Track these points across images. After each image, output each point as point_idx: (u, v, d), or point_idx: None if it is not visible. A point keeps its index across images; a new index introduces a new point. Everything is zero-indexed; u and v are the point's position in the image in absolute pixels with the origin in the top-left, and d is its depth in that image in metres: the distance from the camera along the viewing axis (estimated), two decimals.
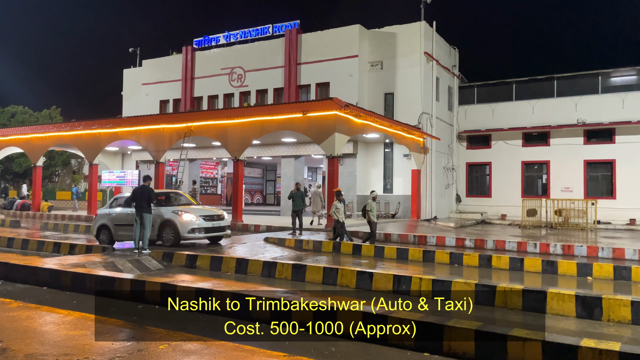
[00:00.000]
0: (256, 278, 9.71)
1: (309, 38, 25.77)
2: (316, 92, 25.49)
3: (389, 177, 24.58)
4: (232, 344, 5.37)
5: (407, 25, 24.34)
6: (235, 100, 27.96)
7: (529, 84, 27.01)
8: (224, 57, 28.45)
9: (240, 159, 19.47)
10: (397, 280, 8.54)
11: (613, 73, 25.25)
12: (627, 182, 23.77)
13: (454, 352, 5.20)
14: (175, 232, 12.33)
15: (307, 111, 17.37)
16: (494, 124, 27.08)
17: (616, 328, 6.55)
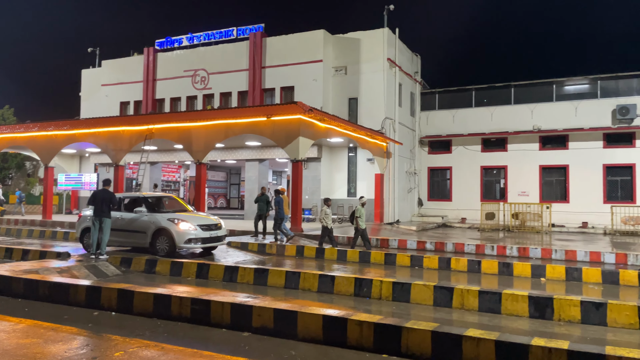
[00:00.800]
0: (218, 283, 9.62)
1: (274, 42, 25.75)
2: (281, 96, 25.48)
3: (352, 181, 24.79)
4: (191, 350, 5.32)
5: (371, 32, 24.66)
6: (198, 103, 27.61)
7: (487, 91, 27.81)
8: (187, 59, 28.07)
9: (203, 162, 19.23)
10: (359, 283, 8.63)
11: (567, 82, 26.30)
12: (579, 187, 24.76)
13: (412, 353, 5.30)
14: (171, 242, 11.51)
15: (272, 115, 17.34)
16: (455, 130, 27.73)
17: (566, 327, 6.82)
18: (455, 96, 28.55)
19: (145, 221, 11.81)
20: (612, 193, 24.26)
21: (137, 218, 11.97)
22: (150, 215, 11.85)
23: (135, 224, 12.00)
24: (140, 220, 11.92)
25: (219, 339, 5.98)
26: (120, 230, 11.99)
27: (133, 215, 12.05)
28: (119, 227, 11.94)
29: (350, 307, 7.71)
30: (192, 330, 6.31)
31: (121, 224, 12.05)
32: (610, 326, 6.80)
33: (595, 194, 24.25)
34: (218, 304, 6.45)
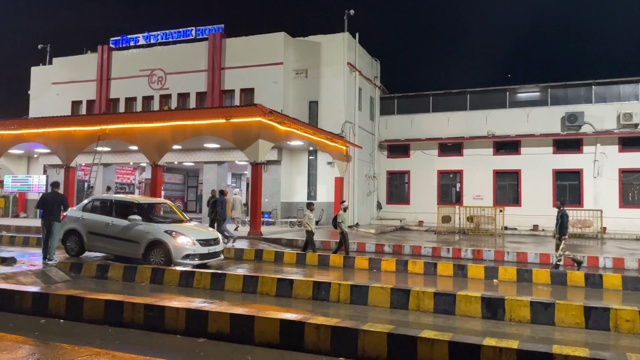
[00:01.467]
0: (173, 288, 9.40)
1: (234, 43, 25.51)
2: (240, 98, 25.25)
3: (312, 184, 24.82)
4: (142, 357, 5.17)
5: (331, 36, 24.82)
6: (155, 103, 26.99)
7: (444, 97, 28.50)
8: (143, 58, 27.41)
9: (159, 165, 18.80)
10: (317, 287, 8.63)
11: (519, 89, 27.28)
12: (530, 191, 25.70)
13: (368, 355, 5.34)
14: (167, 256, 10.55)
15: (231, 117, 17.15)
16: (413, 134, 28.25)
17: (517, 327, 7.04)
18: (414, 101, 29.11)
19: (139, 230, 10.78)
20: (560, 196, 25.25)
21: (130, 226, 10.94)
22: (145, 225, 10.85)
23: (128, 233, 10.95)
24: (134, 229, 10.88)
25: (173, 346, 5.83)
26: (110, 237, 11.08)
27: (126, 223, 11.01)
28: (108, 234, 11.07)
29: (308, 311, 7.69)
30: (145, 337, 6.13)
31: (112, 231, 11.11)
32: (558, 325, 7.07)
33: (545, 198, 25.22)
34: (172, 310, 6.31)
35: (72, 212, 11.92)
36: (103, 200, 12.01)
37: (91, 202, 12.08)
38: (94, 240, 11.49)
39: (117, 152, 24.92)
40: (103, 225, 11.26)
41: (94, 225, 11.48)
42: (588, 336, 6.64)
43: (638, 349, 6.11)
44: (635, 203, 24.16)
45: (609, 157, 24.51)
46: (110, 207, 11.61)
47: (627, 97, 24.81)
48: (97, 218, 11.54)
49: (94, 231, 11.46)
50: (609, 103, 24.92)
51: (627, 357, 4.66)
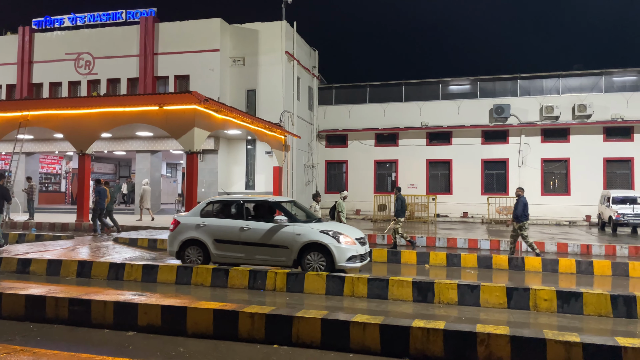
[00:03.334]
0: (101, 282, 9.03)
1: (167, 28, 24.61)
2: (175, 85, 24.47)
3: (251, 174, 24.58)
4: (67, 353, 4.94)
5: (269, 24, 24.53)
6: (82, 89, 25.59)
7: (381, 88, 29.06)
8: (69, 41, 25.85)
9: (87, 153, 17.89)
10: (253, 276, 8.59)
11: (451, 82, 28.30)
12: (461, 180, 26.84)
13: (302, 341, 5.39)
14: (328, 259, 9.16)
15: (164, 104, 16.57)
16: (350, 125, 28.63)
17: (445, 309, 7.36)
18: (351, 92, 29.47)
19: (287, 233, 9.39)
20: (489, 185, 26.61)
21: (275, 229, 9.49)
22: (294, 226, 9.48)
23: (272, 237, 9.48)
24: (280, 231, 9.44)
25: (100, 340, 5.61)
26: (248, 244, 9.58)
27: (268, 225, 9.57)
28: (245, 240, 9.59)
29: (244, 300, 7.64)
30: (70, 333, 5.85)
31: (249, 237, 9.57)
32: (483, 306, 7.45)
33: (475, 186, 26.45)
34: (100, 304, 6.05)
35: (187, 219, 10.25)
36: (226, 202, 10.44)
37: (209, 205, 10.42)
38: (223, 249, 9.75)
39: (41, 140, 23.47)
40: (236, 231, 9.68)
41: (223, 231, 9.82)
42: (510, 315, 7.05)
43: (555, 326, 6.56)
44: (555, 191, 25.85)
45: (532, 148, 26.03)
46: (238, 209, 10.16)
47: (549, 91, 26.40)
48: (226, 223, 9.90)
49: (223, 239, 9.79)
50: (532, 96, 26.40)
51: (544, 333, 4.99)
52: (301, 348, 5.35)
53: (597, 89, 25.74)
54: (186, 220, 10.20)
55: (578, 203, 24.79)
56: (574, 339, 4.80)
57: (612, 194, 18.89)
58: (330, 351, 5.25)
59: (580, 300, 7.13)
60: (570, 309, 7.14)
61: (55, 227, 17.50)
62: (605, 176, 25.11)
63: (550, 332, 5.03)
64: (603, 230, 19.29)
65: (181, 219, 10.29)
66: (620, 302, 6.99)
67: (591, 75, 26.03)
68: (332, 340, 5.32)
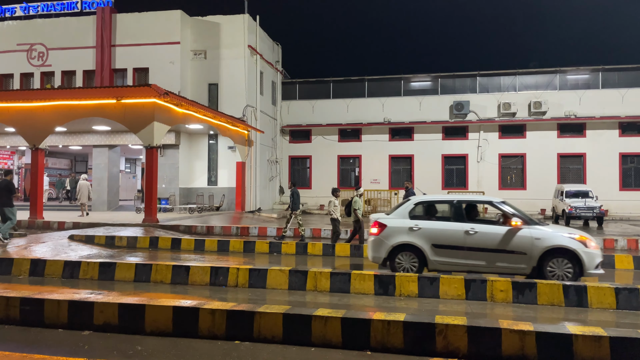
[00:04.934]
0: (56, 280, 8.71)
1: (126, 19, 23.92)
2: (134, 78, 23.84)
3: (213, 169, 24.27)
4: (19, 354, 4.77)
5: (231, 17, 24.21)
6: (35, 81, 24.60)
7: (344, 83, 29.17)
8: (21, 31, 24.77)
9: (41, 148, 17.23)
10: (215, 272, 8.48)
11: (412, 78, 28.69)
12: (422, 175, 27.28)
13: (264, 337, 5.36)
14: (576, 266, 8.38)
15: (122, 97, 16.14)
16: (314, 120, 28.64)
17: (406, 301, 7.48)
18: (315, 87, 29.46)
19: (524, 237, 8.53)
20: (449, 180, 27.17)
21: (511, 232, 8.63)
22: (531, 229, 8.60)
23: (505, 242, 8.62)
24: (516, 235, 8.58)
25: (54, 341, 5.42)
26: (475, 250, 8.70)
27: (503, 229, 8.69)
28: (471, 245, 8.71)
29: (205, 297, 7.54)
30: (22, 333, 5.63)
31: (476, 241, 8.70)
32: (442, 298, 7.61)
33: (435, 181, 26.95)
34: (53, 303, 5.84)
35: (395, 222, 9.25)
36: (438, 202, 9.61)
37: (418, 205, 9.50)
38: (445, 255, 8.85)
39: None
40: (459, 235, 8.77)
41: (444, 235, 8.90)
42: (468, 306, 7.23)
43: (510, 316, 6.77)
44: (512, 185, 26.66)
45: (491, 143, 26.73)
46: (456, 210, 9.19)
47: (506, 88, 27.14)
48: (445, 226, 9.00)
49: (444, 244, 8.89)
50: (491, 93, 27.08)
51: (499, 323, 5.14)
52: (263, 343, 5.32)
53: (552, 86, 26.64)
54: (395, 223, 9.21)
55: (533, 197, 25.64)
56: (527, 327, 4.96)
57: (566, 188, 19.64)
58: (292, 346, 5.25)
59: (534, 290, 7.38)
60: (525, 299, 7.38)
61: None
62: (559, 171, 26.05)
63: (506, 322, 5.19)
64: (557, 223, 20.04)
65: (387, 222, 9.26)
66: (572, 292, 7.28)
67: (546, 74, 26.91)
68: (294, 335, 5.31)
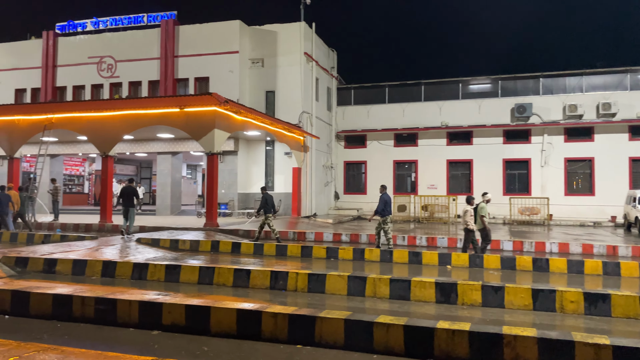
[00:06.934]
0: (125, 281, 9.14)
1: (187, 30, 24.88)
2: (195, 87, 24.71)
3: (270, 174, 24.68)
4: (94, 351, 5.00)
5: (288, 25, 24.62)
6: (105, 92, 26.03)
7: (400, 88, 28.89)
8: (92, 45, 26.32)
9: (110, 155, 18.18)
10: (275, 276, 8.59)
11: (471, 81, 27.98)
12: (482, 180, 26.49)
13: (325, 342, 5.37)
14: None
15: (185, 106, 16.76)
16: (369, 125, 28.53)
17: (469, 310, 7.26)
18: (370, 92, 29.36)
19: None
20: (510, 185, 26.23)
21: None
22: None
23: None
24: None
25: (126, 339, 5.68)
26: None
27: None
28: None
29: (266, 300, 7.65)
30: (97, 332, 5.94)
31: None
32: (507, 308, 7.34)
33: (496, 187, 26.08)
34: (125, 303, 6.13)
35: None
36: None
37: None
38: None
39: (65, 142, 23.94)
40: None
41: None
42: (536, 317, 6.93)
43: (582, 328, 6.42)
44: (579, 191, 25.36)
45: (555, 147, 25.58)
46: None
47: (572, 89, 25.91)
48: None
49: None
50: (555, 95, 25.95)
51: (572, 335, 4.89)
52: (324, 348, 5.33)
53: (622, 87, 25.17)
54: None
55: (603, 203, 24.26)
56: (603, 341, 4.69)
57: (639, 194, 18.45)
58: (354, 352, 5.22)
59: (608, 302, 6.97)
60: (597, 311, 6.98)
61: (79, 227, 17.82)
62: (631, 176, 24.52)
63: (579, 334, 4.92)
64: (629, 231, 18.85)
65: None
66: None
67: (615, 73, 25.47)
68: (355, 341, 5.29)
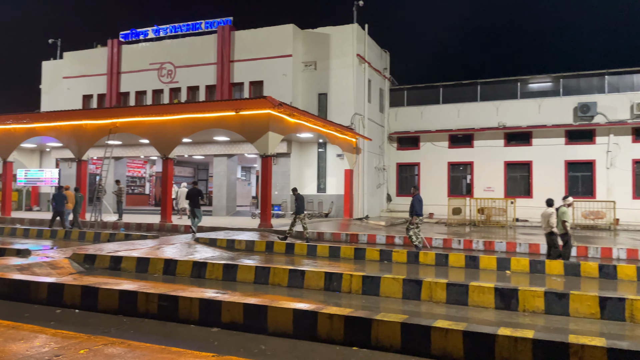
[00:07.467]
0: (185, 279, 9.46)
1: (242, 35, 25.47)
2: (250, 91, 25.25)
3: (322, 176, 24.81)
4: (158, 346, 5.20)
5: (340, 27, 24.69)
6: (164, 97, 27.08)
7: (454, 88, 28.28)
8: (152, 51, 27.48)
9: (170, 158, 18.88)
10: (329, 278, 8.62)
11: (530, 80, 26.97)
12: (542, 182, 25.47)
13: (382, 345, 5.33)
14: None
15: (240, 109, 17.15)
16: (423, 126, 28.09)
17: (531, 317, 7.00)
18: (423, 93, 28.92)
19: None
20: (573, 188, 25.05)
21: None
22: None
23: None
24: None
25: (187, 335, 5.87)
26: None
27: None
28: None
29: (320, 301, 7.69)
30: (160, 327, 6.17)
31: None
32: (572, 316, 7.01)
33: (557, 189, 24.93)
34: (186, 300, 6.34)
35: None
36: None
37: None
38: None
39: (128, 145, 25.08)
40: None
41: None
42: (603, 326, 6.58)
43: None
44: None
45: (622, 148, 24.21)
46: None
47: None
48: None
49: None
50: (622, 93, 24.57)
51: None
52: (380, 351, 5.29)
53: None
54: None
55: None
56: None
57: None
58: (411, 356, 5.15)
59: None
60: None
61: (141, 227, 18.61)
62: None
63: None
64: None
65: None
66: None
67: None
68: (412, 345, 5.21)
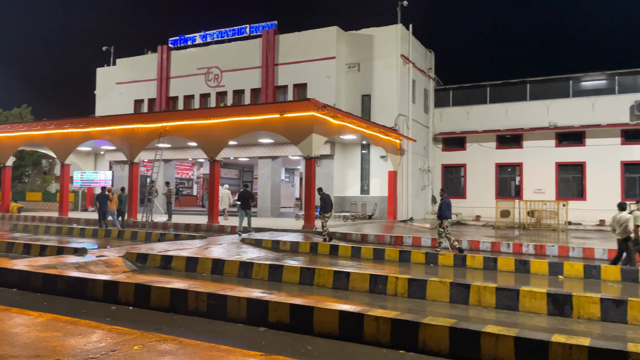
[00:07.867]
0: (232, 279, 9.65)
1: (286, 39, 25.75)
2: (293, 93, 25.48)
3: (365, 178, 24.72)
4: (208, 344, 5.32)
5: (384, 28, 24.54)
6: (211, 101, 27.74)
7: (502, 87, 27.53)
8: (200, 56, 28.21)
9: (217, 160, 19.31)
10: (374, 280, 8.58)
11: (583, 78, 25.92)
12: (596, 184, 24.42)
13: (429, 349, 5.26)
14: None
15: (285, 112, 17.34)
16: (469, 127, 27.50)
17: (586, 324, 6.72)
18: (470, 92, 28.32)
19: None
20: (630, 190, 23.88)
21: None
22: None
23: None
24: None
25: (235, 334, 5.99)
26: None
27: None
28: None
29: (365, 303, 7.67)
30: (209, 325, 6.33)
31: None
32: (630, 324, 6.69)
33: (613, 192, 23.88)
34: (234, 299, 6.47)
35: None
36: None
37: None
38: None
39: (177, 148, 25.83)
40: None
41: None
42: None
43: None
44: None
45: None
46: None
47: None
48: None
49: None
50: None
51: None
52: (428, 355, 5.22)
53: None
54: None
55: None
56: None
57: None
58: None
59: None
60: None
61: (189, 227, 19.12)
62: None
63: None
64: None
65: None
66: None
67: None
68: (461, 350, 5.11)
